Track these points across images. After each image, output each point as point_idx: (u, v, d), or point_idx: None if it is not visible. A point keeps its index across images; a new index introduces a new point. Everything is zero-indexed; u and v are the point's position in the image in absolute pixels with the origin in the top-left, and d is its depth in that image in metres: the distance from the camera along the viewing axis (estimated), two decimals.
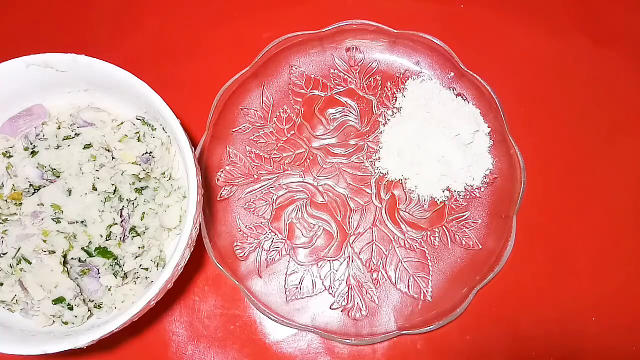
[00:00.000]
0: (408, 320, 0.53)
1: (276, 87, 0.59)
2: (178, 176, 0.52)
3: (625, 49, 0.62)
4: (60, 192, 0.47)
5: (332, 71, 0.60)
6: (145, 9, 0.63)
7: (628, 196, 0.58)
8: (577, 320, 0.55)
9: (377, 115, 0.59)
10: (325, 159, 0.58)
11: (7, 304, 0.46)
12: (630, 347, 0.54)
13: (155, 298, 0.43)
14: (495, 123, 0.58)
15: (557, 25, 0.63)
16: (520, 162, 0.56)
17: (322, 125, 0.59)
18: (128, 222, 0.48)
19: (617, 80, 0.61)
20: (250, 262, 0.55)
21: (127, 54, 0.60)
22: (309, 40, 0.59)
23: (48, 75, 0.47)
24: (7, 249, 0.46)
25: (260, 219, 0.56)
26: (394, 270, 0.55)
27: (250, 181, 0.57)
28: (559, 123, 0.60)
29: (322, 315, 0.54)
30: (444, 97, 0.58)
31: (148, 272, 0.49)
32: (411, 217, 0.56)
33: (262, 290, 0.54)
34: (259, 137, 0.58)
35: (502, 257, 0.54)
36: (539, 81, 0.61)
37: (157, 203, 0.49)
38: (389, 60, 0.60)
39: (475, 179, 0.57)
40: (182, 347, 0.53)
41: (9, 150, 0.48)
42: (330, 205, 0.57)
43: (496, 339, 0.54)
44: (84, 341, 0.41)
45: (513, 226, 0.55)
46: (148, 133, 0.49)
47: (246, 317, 0.54)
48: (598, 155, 0.59)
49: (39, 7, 0.63)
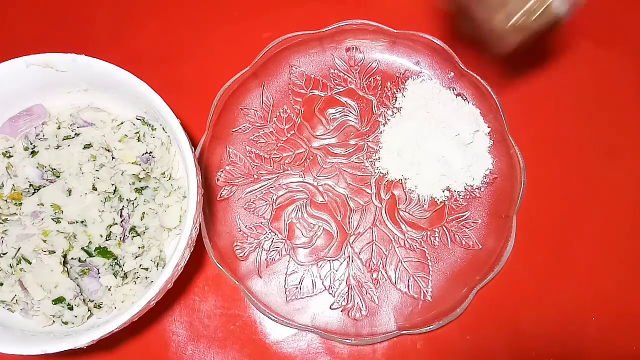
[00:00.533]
0: (408, 320, 0.53)
1: (276, 87, 0.59)
2: (178, 176, 0.52)
3: (626, 49, 0.62)
4: (60, 192, 0.47)
5: (332, 71, 0.60)
6: (145, 8, 0.63)
7: (628, 196, 0.58)
8: (577, 320, 0.55)
9: (377, 115, 0.59)
10: (325, 159, 0.58)
11: (7, 304, 0.46)
12: (630, 347, 0.54)
13: (155, 298, 0.43)
14: (495, 123, 0.58)
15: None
16: (520, 162, 0.56)
17: (322, 125, 0.59)
18: (128, 222, 0.48)
19: (617, 80, 0.61)
20: (250, 262, 0.55)
21: (127, 54, 0.60)
22: (309, 40, 0.59)
23: (48, 75, 0.47)
24: (7, 249, 0.46)
25: (260, 219, 0.56)
26: (394, 270, 0.55)
27: (250, 181, 0.57)
28: (559, 123, 0.60)
29: (322, 315, 0.54)
30: (444, 97, 0.58)
31: (148, 272, 0.49)
32: (411, 217, 0.56)
33: (262, 290, 0.54)
34: (259, 137, 0.58)
35: (502, 257, 0.54)
36: (539, 81, 0.61)
37: (157, 203, 0.49)
38: (389, 60, 0.60)
39: (475, 179, 0.57)
40: (182, 347, 0.53)
41: (9, 150, 0.48)
42: (330, 205, 0.57)
43: (496, 339, 0.54)
44: (84, 341, 0.41)
45: (513, 226, 0.55)
46: (148, 133, 0.49)
47: (246, 317, 0.54)
48: (598, 155, 0.59)
49: (39, 7, 0.63)
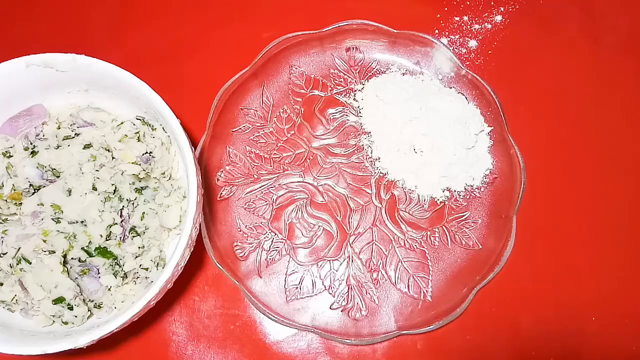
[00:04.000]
0: (408, 320, 0.53)
1: (276, 87, 0.60)
2: (178, 176, 0.52)
3: (626, 48, 0.62)
4: (60, 192, 0.47)
5: (332, 71, 0.60)
6: (145, 8, 0.63)
7: (628, 196, 0.58)
8: (577, 320, 0.55)
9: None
10: (325, 159, 0.58)
11: (7, 304, 0.46)
12: (630, 347, 0.54)
13: (155, 298, 0.43)
14: (495, 123, 0.58)
15: (557, 25, 0.63)
16: (520, 162, 0.56)
17: (322, 125, 0.59)
18: (128, 222, 0.48)
19: (617, 80, 0.61)
20: (250, 262, 0.55)
21: (127, 54, 0.60)
22: (309, 40, 0.59)
23: (48, 75, 0.47)
24: (7, 249, 0.46)
25: (260, 219, 0.56)
26: (394, 270, 0.55)
27: (250, 181, 0.57)
28: (559, 123, 0.60)
29: (322, 315, 0.54)
30: (444, 97, 0.58)
31: (148, 272, 0.49)
32: (411, 217, 0.56)
33: (262, 290, 0.54)
34: (259, 137, 0.58)
35: (502, 257, 0.54)
36: (539, 81, 0.61)
37: (157, 203, 0.49)
38: (389, 60, 0.60)
39: (475, 179, 0.57)
40: (182, 347, 0.53)
41: (9, 150, 0.48)
42: (330, 205, 0.57)
43: (496, 339, 0.54)
44: (84, 341, 0.41)
45: (513, 226, 0.55)
46: (148, 133, 0.49)
47: (246, 317, 0.54)
48: (598, 155, 0.59)
49: (39, 7, 0.63)
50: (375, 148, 0.57)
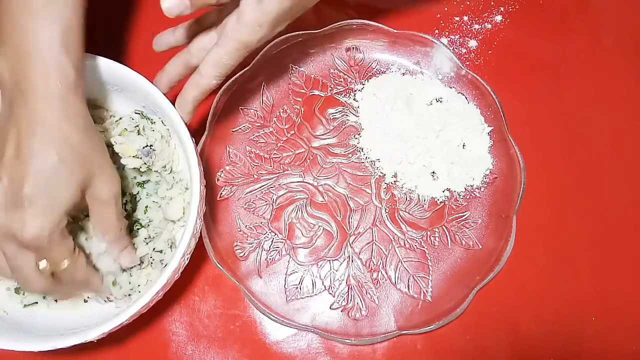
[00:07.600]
0: (408, 320, 0.53)
1: (276, 87, 0.60)
2: (179, 169, 0.52)
3: (625, 48, 0.62)
4: None
5: (332, 71, 0.60)
6: (145, 8, 0.63)
7: (628, 196, 0.58)
8: (577, 320, 0.55)
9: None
10: (325, 159, 0.58)
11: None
12: (630, 347, 0.54)
13: (172, 277, 0.43)
14: (495, 123, 0.58)
15: (557, 25, 0.63)
16: (520, 162, 0.56)
17: (322, 125, 0.59)
18: (132, 216, 0.48)
19: (617, 80, 0.61)
20: (250, 262, 0.55)
21: (127, 53, 0.60)
22: (309, 40, 0.59)
23: None
24: None
25: (260, 219, 0.56)
26: (394, 270, 0.55)
27: (250, 181, 0.57)
28: (559, 123, 0.60)
29: (322, 315, 0.54)
30: (444, 97, 0.58)
31: (163, 255, 0.49)
32: (411, 217, 0.56)
33: (262, 290, 0.54)
34: (259, 137, 0.58)
35: (502, 257, 0.54)
36: (539, 81, 0.61)
37: (160, 196, 0.50)
38: (389, 60, 0.60)
39: (475, 179, 0.57)
40: (182, 347, 0.53)
41: None
42: (330, 205, 0.57)
43: (496, 339, 0.54)
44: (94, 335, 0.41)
45: (513, 226, 0.55)
46: (147, 126, 0.49)
47: (246, 317, 0.54)
48: (598, 155, 0.59)
49: None
50: (375, 148, 0.57)
